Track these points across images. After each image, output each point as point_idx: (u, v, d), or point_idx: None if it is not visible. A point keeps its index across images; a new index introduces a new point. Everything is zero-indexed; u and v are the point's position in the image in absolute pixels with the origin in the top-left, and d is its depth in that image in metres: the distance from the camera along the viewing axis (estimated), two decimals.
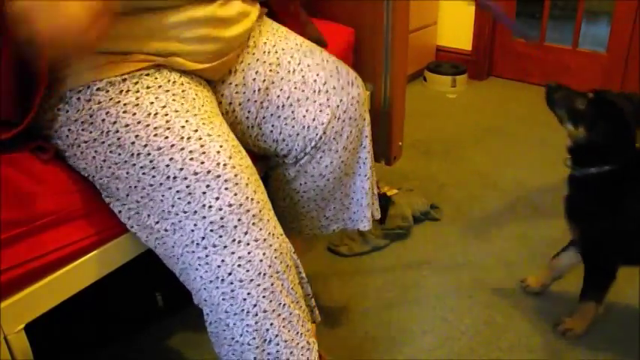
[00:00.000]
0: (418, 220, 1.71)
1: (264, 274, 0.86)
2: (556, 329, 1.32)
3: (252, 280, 0.85)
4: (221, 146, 0.84)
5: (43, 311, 0.88)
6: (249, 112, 1.06)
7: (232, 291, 0.85)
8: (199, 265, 0.85)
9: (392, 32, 1.44)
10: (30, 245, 0.84)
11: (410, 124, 2.21)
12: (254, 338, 0.87)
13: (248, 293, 0.85)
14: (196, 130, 0.84)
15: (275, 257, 0.87)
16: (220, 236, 0.82)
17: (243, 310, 0.86)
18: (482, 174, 1.98)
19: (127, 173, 0.85)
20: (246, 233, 0.83)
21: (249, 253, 0.84)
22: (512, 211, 1.78)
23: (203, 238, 0.83)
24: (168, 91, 0.87)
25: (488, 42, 2.77)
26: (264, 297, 0.86)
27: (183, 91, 0.89)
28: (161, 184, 0.83)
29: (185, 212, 0.83)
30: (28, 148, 0.91)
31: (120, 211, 0.90)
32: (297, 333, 0.91)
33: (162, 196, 0.84)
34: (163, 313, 1.35)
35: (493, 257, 1.57)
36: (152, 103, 0.85)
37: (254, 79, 1.05)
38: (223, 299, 0.85)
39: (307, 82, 1.06)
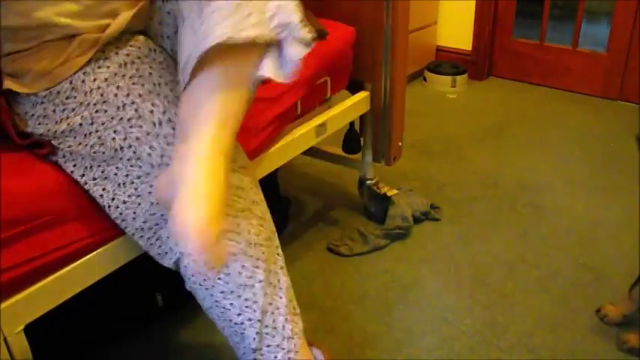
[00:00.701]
0: (418, 220, 1.71)
1: (255, 244, 0.87)
2: (597, 314, 1.35)
3: (244, 253, 0.86)
4: None
5: (42, 312, 0.88)
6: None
7: (227, 267, 0.86)
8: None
9: (392, 32, 1.44)
10: (30, 245, 0.84)
11: (410, 124, 2.21)
12: (254, 311, 0.88)
13: (242, 266, 0.86)
14: (164, 112, 0.85)
15: (260, 225, 0.88)
16: None
17: (240, 285, 0.87)
18: (482, 174, 1.98)
19: (117, 168, 0.87)
20: (230, 206, 0.85)
21: (238, 225, 0.86)
22: (512, 211, 1.78)
23: None
24: (124, 75, 0.88)
25: (488, 42, 2.77)
26: (257, 267, 0.88)
27: (137, 69, 0.88)
28: (148, 173, 0.85)
29: None
30: (24, 145, 0.91)
31: (113, 206, 0.90)
32: (288, 299, 0.93)
33: (151, 186, 0.85)
34: (163, 313, 1.35)
35: (493, 257, 1.57)
36: (116, 95, 0.86)
37: (168, 13, 0.96)
38: (219, 278, 0.86)
39: None
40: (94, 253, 0.93)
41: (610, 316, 1.33)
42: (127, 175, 0.87)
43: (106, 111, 0.86)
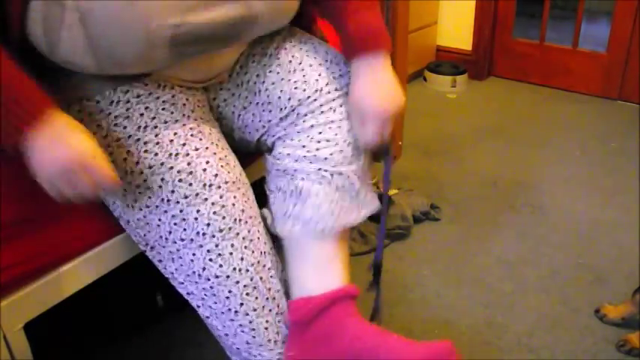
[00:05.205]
0: (418, 220, 1.71)
1: (273, 298, 0.88)
2: (596, 314, 1.35)
3: (264, 307, 0.87)
4: (207, 162, 0.84)
5: (42, 310, 0.88)
6: (234, 106, 1.03)
7: (250, 322, 0.87)
8: (206, 295, 0.86)
9: (392, 32, 1.44)
10: (29, 244, 0.84)
11: (410, 124, 2.21)
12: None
13: (267, 321, 0.88)
14: (184, 144, 0.84)
15: (271, 276, 0.89)
16: (220, 265, 0.84)
17: (269, 340, 0.88)
18: (482, 174, 1.98)
19: (124, 190, 0.85)
20: (242, 259, 0.85)
21: (251, 279, 0.86)
22: (512, 211, 1.78)
23: (204, 268, 0.85)
24: (158, 97, 0.86)
25: (488, 42, 2.77)
26: (279, 322, 0.89)
27: (173, 96, 0.87)
28: (157, 206, 0.83)
29: (182, 240, 0.84)
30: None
31: (121, 218, 0.90)
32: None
33: (159, 220, 0.84)
34: (163, 313, 1.35)
35: (493, 257, 1.57)
36: (142, 114, 0.84)
37: (237, 73, 1.01)
38: (242, 331, 0.87)
39: (282, 64, 0.98)
40: (94, 251, 0.93)
41: (609, 316, 1.33)
42: (135, 201, 0.85)
43: (125, 127, 0.84)
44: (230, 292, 0.85)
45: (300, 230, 0.92)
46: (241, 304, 0.85)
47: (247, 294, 0.85)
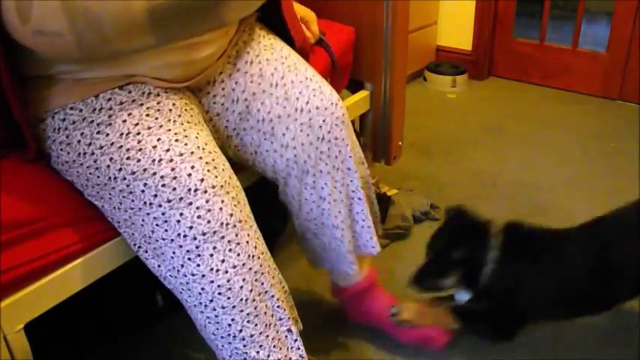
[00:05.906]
0: (418, 220, 1.71)
1: (247, 300, 0.86)
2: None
3: (234, 307, 0.85)
4: (192, 167, 0.82)
5: (42, 311, 0.88)
6: (227, 121, 1.04)
7: (216, 317, 0.86)
8: (182, 289, 0.86)
9: (392, 32, 1.44)
10: (30, 246, 0.84)
11: (410, 124, 2.20)
12: (245, 359, 0.88)
13: (232, 319, 0.86)
14: (168, 150, 0.82)
15: (256, 280, 0.87)
16: (198, 265, 0.83)
17: (229, 334, 0.87)
18: (482, 174, 1.98)
19: (110, 194, 0.85)
20: (223, 261, 0.84)
21: (228, 280, 0.84)
22: (512, 211, 1.78)
23: (182, 265, 0.84)
24: (142, 104, 0.85)
25: (488, 42, 2.77)
26: (248, 322, 0.87)
27: (158, 102, 0.86)
28: (140, 208, 0.83)
29: (164, 239, 0.83)
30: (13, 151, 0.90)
31: (112, 220, 0.91)
32: (289, 348, 0.92)
33: (143, 220, 0.84)
34: (163, 312, 1.35)
35: None
36: (125, 121, 0.83)
37: (233, 89, 1.02)
38: (209, 322, 0.87)
39: (289, 99, 1.02)
40: (94, 252, 0.93)
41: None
42: (120, 203, 0.85)
43: (107, 134, 0.83)
44: (203, 289, 0.84)
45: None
46: (211, 301, 0.85)
47: (220, 293, 0.84)
